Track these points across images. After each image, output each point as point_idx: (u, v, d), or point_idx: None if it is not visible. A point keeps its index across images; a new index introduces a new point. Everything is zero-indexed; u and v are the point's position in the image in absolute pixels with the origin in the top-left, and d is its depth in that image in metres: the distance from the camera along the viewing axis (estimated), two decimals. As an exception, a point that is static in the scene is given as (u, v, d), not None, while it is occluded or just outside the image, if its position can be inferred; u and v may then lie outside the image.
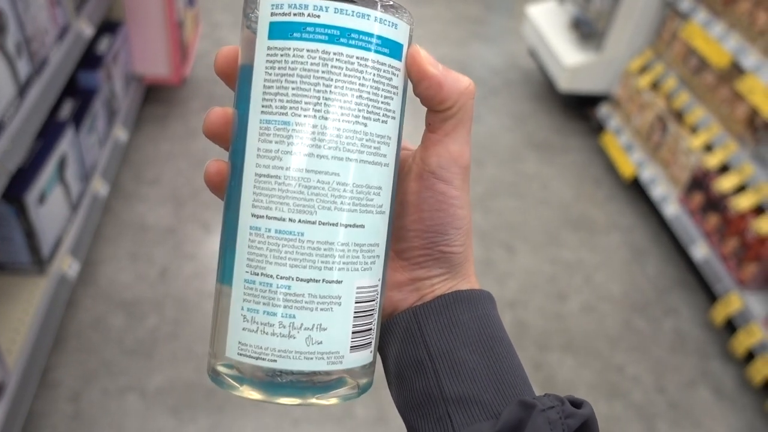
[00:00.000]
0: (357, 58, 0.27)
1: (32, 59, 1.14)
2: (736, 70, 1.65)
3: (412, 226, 0.32)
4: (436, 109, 0.30)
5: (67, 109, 1.40)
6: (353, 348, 0.29)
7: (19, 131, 1.05)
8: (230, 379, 0.28)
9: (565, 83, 2.18)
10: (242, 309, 0.28)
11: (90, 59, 1.53)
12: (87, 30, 1.41)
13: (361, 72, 0.27)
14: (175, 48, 1.85)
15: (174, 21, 1.80)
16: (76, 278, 1.33)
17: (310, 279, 0.27)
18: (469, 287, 0.33)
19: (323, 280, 0.27)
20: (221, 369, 0.29)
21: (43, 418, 1.19)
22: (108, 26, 1.68)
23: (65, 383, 1.26)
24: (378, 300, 0.30)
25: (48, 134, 1.25)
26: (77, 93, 1.46)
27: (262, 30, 0.28)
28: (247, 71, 0.28)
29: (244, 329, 0.28)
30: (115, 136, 1.65)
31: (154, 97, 2.10)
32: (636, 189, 2.04)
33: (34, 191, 1.15)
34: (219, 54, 0.30)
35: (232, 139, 0.29)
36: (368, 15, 0.27)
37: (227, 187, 0.29)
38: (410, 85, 0.31)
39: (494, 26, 3.14)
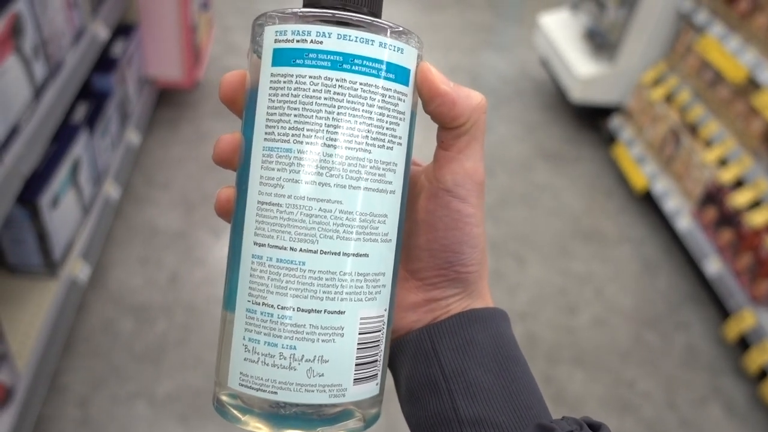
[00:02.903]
0: (361, 84, 0.27)
1: (48, 62, 1.14)
2: (752, 85, 1.64)
3: (427, 245, 0.31)
4: (450, 126, 0.29)
5: (81, 113, 1.40)
6: (357, 381, 0.28)
7: (34, 134, 1.05)
8: (234, 410, 0.28)
9: (578, 94, 2.17)
10: (244, 339, 0.27)
11: (104, 62, 1.53)
12: (102, 33, 1.41)
13: (365, 98, 0.27)
14: (188, 52, 1.85)
15: (188, 24, 1.80)
16: (86, 282, 1.33)
17: (312, 309, 0.27)
18: (483, 305, 0.32)
19: (325, 311, 0.27)
20: (225, 399, 0.28)
21: (52, 423, 1.19)
22: (122, 29, 1.68)
23: (74, 388, 1.25)
24: (384, 330, 0.29)
25: (62, 138, 1.25)
26: (91, 96, 1.46)
27: (266, 57, 0.28)
28: (253, 97, 0.28)
29: (245, 359, 0.27)
30: (128, 140, 1.65)
31: (167, 100, 2.10)
32: (648, 202, 2.03)
33: (48, 195, 1.14)
34: (223, 81, 0.30)
35: (238, 164, 0.29)
36: (372, 41, 0.27)
37: (233, 213, 0.29)
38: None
39: (505, 35, 3.14)
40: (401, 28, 0.28)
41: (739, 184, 1.64)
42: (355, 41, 0.27)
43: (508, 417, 0.29)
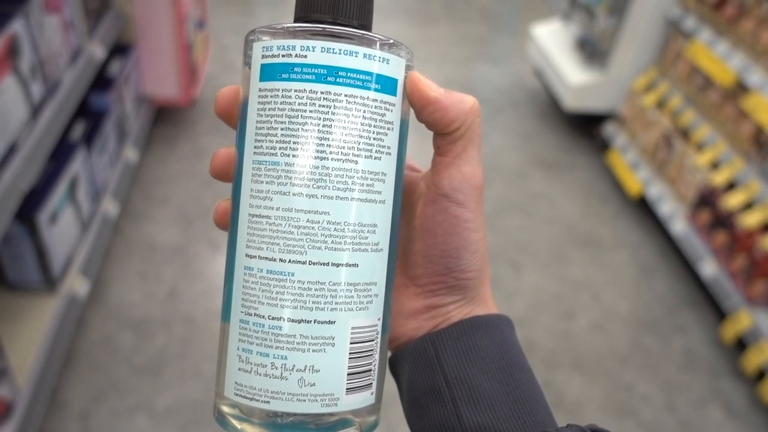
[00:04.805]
0: (346, 95, 0.27)
1: (45, 81, 1.16)
2: (740, 89, 1.66)
3: (426, 252, 0.31)
4: (444, 132, 0.29)
5: (78, 131, 1.42)
6: (350, 390, 0.28)
7: (32, 152, 1.07)
8: (233, 420, 0.28)
9: (571, 102, 2.19)
10: (238, 349, 0.28)
11: (101, 81, 1.55)
12: (99, 52, 1.43)
13: (351, 109, 0.27)
14: (184, 70, 1.88)
15: (184, 43, 1.83)
16: (86, 297, 1.34)
17: (302, 320, 0.27)
18: (486, 312, 0.32)
19: (315, 321, 0.27)
20: (225, 409, 0.29)
21: (52, 438, 1.20)
22: (119, 48, 1.71)
23: (74, 402, 1.26)
24: (378, 340, 0.29)
25: (60, 155, 1.27)
26: (89, 114, 1.48)
27: (255, 72, 0.28)
28: (244, 111, 0.29)
29: (239, 369, 0.28)
30: (126, 157, 1.67)
31: (164, 118, 2.13)
32: (643, 206, 2.04)
33: (46, 211, 1.16)
34: (218, 96, 0.30)
35: (232, 178, 0.30)
36: (356, 52, 0.27)
37: (229, 225, 0.30)
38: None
39: (499, 46, 3.17)
40: (391, 41, 0.28)
41: (731, 186, 1.65)
42: (339, 54, 0.27)
43: (512, 425, 0.28)
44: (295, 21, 0.29)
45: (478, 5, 3.57)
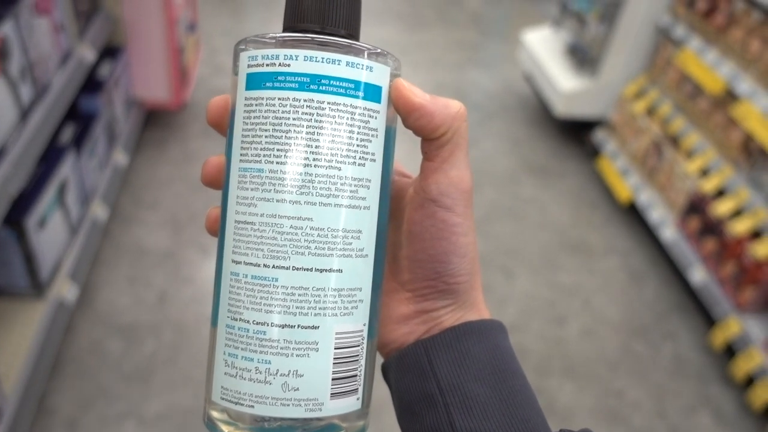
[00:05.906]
0: (329, 103, 0.27)
1: (35, 84, 1.14)
2: (730, 97, 1.68)
3: (415, 256, 0.31)
4: (431, 137, 0.29)
5: (68, 134, 1.40)
6: (334, 395, 0.28)
7: (20, 156, 1.06)
8: (221, 425, 0.29)
9: (561, 108, 2.20)
10: (224, 354, 0.28)
11: (91, 84, 1.54)
12: (89, 55, 1.42)
13: (333, 117, 0.27)
14: (175, 73, 1.87)
15: (174, 46, 1.82)
16: (74, 303, 1.32)
17: (285, 324, 0.27)
18: (478, 317, 0.32)
19: (298, 326, 0.27)
20: (214, 414, 0.29)
21: (39, 445, 1.18)
22: (109, 51, 1.70)
23: (62, 409, 1.24)
24: (363, 345, 0.29)
25: (49, 159, 1.26)
26: (78, 117, 1.47)
27: (241, 81, 0.29)
28: (232, 119, 0.29)
29: (225, 374, 0.28)
30: (115, 160, 1.66)
31: (154, 121, 2.11)
32: (633, 213, 2.05)
33: (35, 216, 1.15)
34: (210, 105, 0.31)
35: (222, 185, 0.30)
36: (339, 60, 0.27)
37: (219, 232, 0.30)
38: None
39: (489, 52, 3.18)
40: (378, 50, 0.28)
41: (720, 193, 1.66)
42: (322, 62, 0.27)
43: (505, 431, 0.28)
44: (284, 31, 0.29)
45: (469, 10, 3.58)
